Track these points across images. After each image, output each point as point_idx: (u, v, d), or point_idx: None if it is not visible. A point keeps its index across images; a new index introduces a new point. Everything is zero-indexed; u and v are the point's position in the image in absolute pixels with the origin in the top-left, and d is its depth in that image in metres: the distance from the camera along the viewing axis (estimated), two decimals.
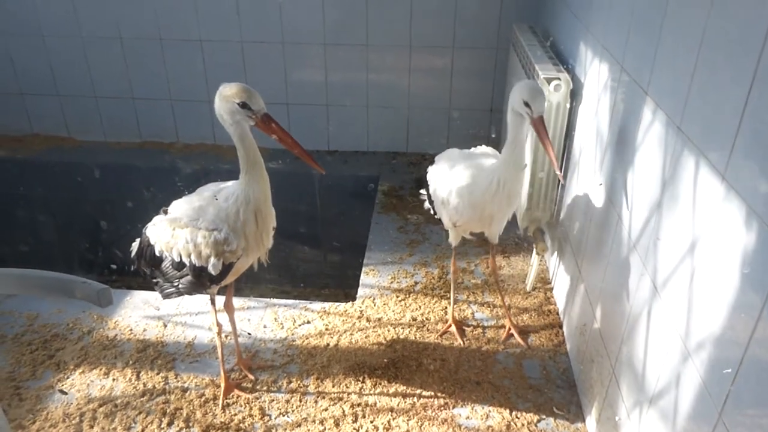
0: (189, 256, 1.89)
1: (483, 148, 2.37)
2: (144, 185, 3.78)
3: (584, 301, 2.17)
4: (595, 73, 2.16)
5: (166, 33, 3.64)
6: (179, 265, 1.93)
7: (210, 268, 1.88)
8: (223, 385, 2.17)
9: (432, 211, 2.39)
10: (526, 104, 1.85)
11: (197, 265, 1.89)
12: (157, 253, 1.96)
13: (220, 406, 2.13)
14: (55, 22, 3.68)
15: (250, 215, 1.86)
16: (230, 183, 1.94)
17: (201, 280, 1.93)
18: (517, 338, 2.40)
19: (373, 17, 3.46)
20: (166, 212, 2.00)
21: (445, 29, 3.46)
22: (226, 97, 1.73)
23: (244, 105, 1.71)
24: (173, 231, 1.91)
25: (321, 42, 3.55)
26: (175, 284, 2.00)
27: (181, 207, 1.97)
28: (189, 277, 1.94)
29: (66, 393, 2.19)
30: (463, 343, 2.39)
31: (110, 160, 3.84)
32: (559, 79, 2.32)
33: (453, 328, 2.44)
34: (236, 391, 2.18)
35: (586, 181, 2.21)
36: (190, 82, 3.76)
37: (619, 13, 1.93)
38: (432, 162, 2.39)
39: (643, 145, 1.67)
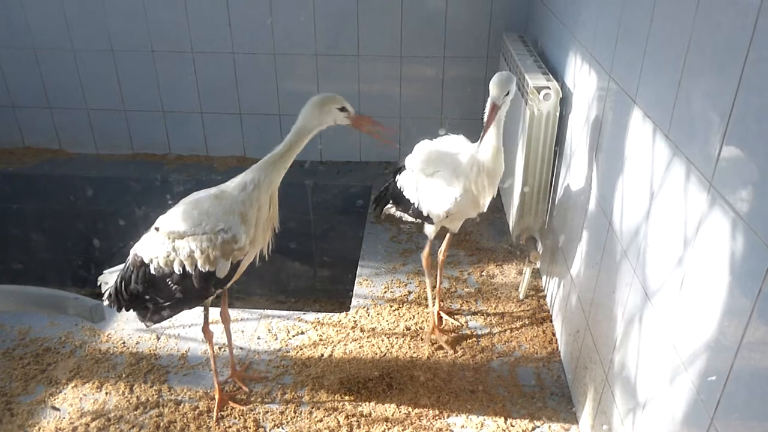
0: (195, 265, 1.86)
1: (452, 138, 2.37)
2: (137, 197, 3.77)
3: (577, 308, 2.18)
4: (585, 82, 2.19)
5: (157, 45, 3.65)
6: (182, 278, 1.88)
7: (218, 271, 1.86)
8: (217, 397, 2.16)
9: (406, 217, 2.42)
10: (342, 109, 1.92)
11: (204, 271, 1.86)
12: (153, 272, 1.91)
13: (215, 418, 2.12)
14: (47, 34, 3.68)
15: (265, 200, 1.91)
16: (233, 180, 1.92)
17: (207, 288, 1.90)
18: (448, 318, 2.55)
19: (364, 28, 3.48)
20: (158, 230, 1.93)
21: (435, 39, 3.49)
22: (325, 105, 1.86)
23: (343, 109, 1.87)
24: (173, 243, 1.88)
25: (312, 53, 3.57)
26: (171, 303, 1.95)
27: (174, 218, 1.92)
28: (193, 289, 1.89)
29: (58, 409, 2.17)
30: (453, 351, 2.41)
31: (102, 173, 3.83)
32: (549, 88, 2.34)
33: (435, 322, 2.50)
34: (230, 403, 2.17)
35: (577, 189, 2.23)
36: (182, 94, 3.77)
37: (607, 23, 1.95)
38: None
39: (633, 153, 1.68)
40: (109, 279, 2.09)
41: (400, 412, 2.14)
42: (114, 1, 3.56)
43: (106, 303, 2.09)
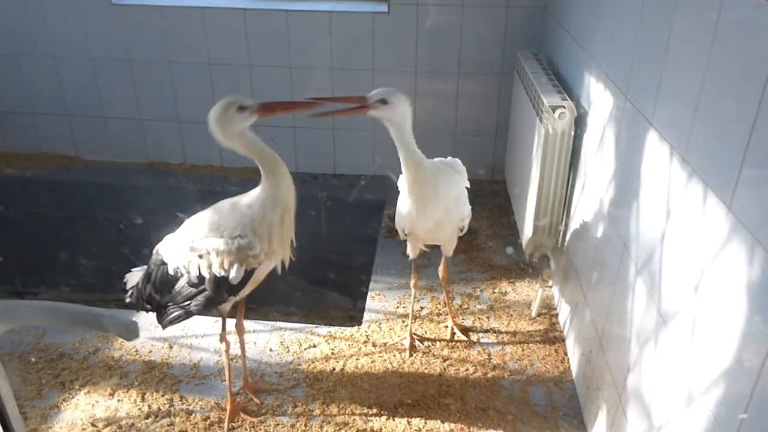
0: (210, 267, 1.88)
1: (445, 160, 2.37)
2: (150, 206, 3.80)
3: (590, 328, 2.17)
4: (600, 102, 2.20)
5: (175, 56, 3.70)
6: (197, 281, 1.92)
7: (232, 276, 1.88)
8: (228, 408, 2.17)
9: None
10: (242, 108, 1.84)
11: (218, 275, 1.88)
12: (171, 272, 1.96)
13: (225, 429, 2.13)
14: (67, 44, 3.74)
15: (276, 218, 1.88)
16: (249, 193, 1.94)
17: (220, 293, 1.92)
18: (459, 334, 2.56)
19: (379, 43, 3.52)
20: (181, 231, 2.00)
21: (450, 55, 3.51)
22: (222, 113, 1.80)
23: (241, 108, 1.79)
24: (191, 245, 1.92)
25: (328, 66, 3.61)
26: (186, 305, 1.98)
27: (197, 222, 1.97)
28: (206, 293, 1.92)
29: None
30: (410, 355, 2.46)
31: (118, 180, 3.88)
32: (563, 107, 2.35)
33: (407, 342, 2.50)
34: (241, 415, 2.18)
35: (592, 208, 2.23)
36: (198, 104, 3.77)
37: (623, 43, 1.97)
38: None
39: (648, 175, 1.69)
40: (134, 278, 2.15)
41: (411, 428, 2.14)
42: (133, 12, 3.63)
43: (128, 301, 2.14)
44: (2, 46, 3.79)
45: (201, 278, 1.91)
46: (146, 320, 2.65)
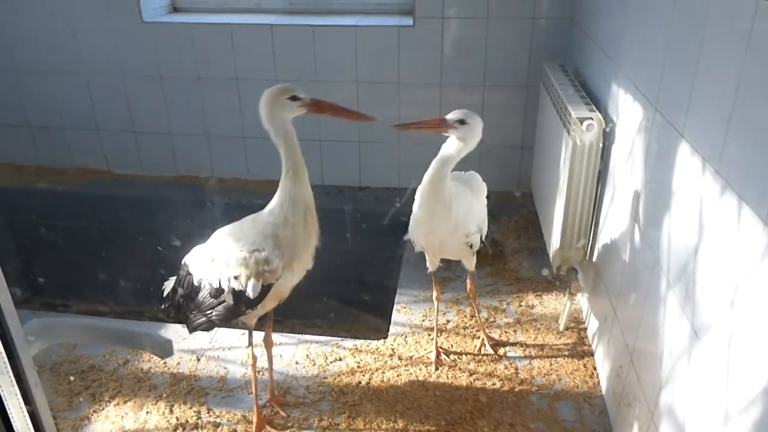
0: (228, 280, 1.92)
1: (463, 174, 2.39)
2: (179, 218, 3.86)
3: (620, 343, 2.13)
4: (629, 114, 2.17)
5: (203, 72, 3.76)
6: (217, 292, 1.96)
7: (249, 291, 1.90)
8: (255, 420, 2.18)
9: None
10: (294, 98, 1.86)
11: (236, 288, 1.91)
12: (196, 283, 2.01)
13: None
14: (99, 61, 3.83)
15: (299, 218, 1.89)
16: (268, 206, 1.97)
17: (238, 305, 1.94)
18: (488, 347, 2.52)
19: (404, 56, 3.53)
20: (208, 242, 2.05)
21: (475, 67, 3.51)
22: (275, 97, 1.82)
23: (294, 98, 1.82)
24: (213, 256, 1.97)
25: (353, 80, 3.63)
26: (209, 314, 2.02)
27: (221, 235, 2.02)
28: (225, 304, 1.95)
29: None
30: (436, 369, 2.44)
31: (147, 194, 3.94)
32: (591, 118, 2.33)
33: (432, 355, 2.48)
34: (268, 428, 2.18)
35: (621, 221, 2.20)
36: (226, 119, 3.86)
37: (652, 53, 1.94)
38: None
39: (680, 187, 1.66)
40: (170, 285, 2.22)
41: None
42: (163, 29, 3.70)
43: (163, 307, 2.21)
44: (37, 64, 3.90)
45: (220, 290, 1.95)
46: (174, 333, 2.69)
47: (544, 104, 3.11)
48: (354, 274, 3.82)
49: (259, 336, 2.25)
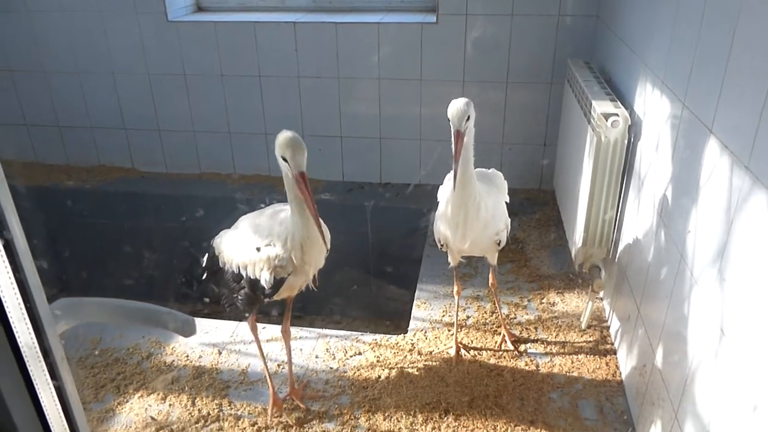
0: (245, 268, 2.01)
1: (486, 172, 2.37)
2: (202, 214, 3.90)
3: (643, 341, 2.11)
4: (655, 110, 2.14)
5: (227, 69, 3.79)
6: (238, 277, 2.05)
7: (262, 282, 1.98)
8: (271, 400, 2.25)
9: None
10: (284, 159, 1.79)
11: (252, 277, 2.00)
12: (221, 264, 2.11)
13: (269, 416, 2.20)
14: (125, 60, 3.89)
15: (297, 245, 1.93)
16: (287, 207, 2.00)
17: (255, 293, 2.03)
18: (508, 343, 2.52)
19: (427, 52, 3.53)
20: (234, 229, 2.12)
21: (499, 64, 3.49)
22: (277, 144, 1.81)
23: (284, 159, 1.79)
24: (234, 243, 2.06)
25: (375, 76, 3.63)
26: (234, 298, 2.11)
27: (245, 222, 2.11)
28: (245, 290, 2.05)
29: (155, 419, 2.26)
30: (456, 364, 2.44)
31: (171, 191, 3.99)
32: (617, 115, 2.30)
33: (452, 351, 2.48)
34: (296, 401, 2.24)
35: (647, 218, 2.17)
36: (248, 116, 3.90)
37: (681, 49, 1.91)
38: None
39: (708, 183, 1.63)
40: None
41: None
42: (187, 28, 3.74)
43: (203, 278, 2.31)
44: (65, 64, 3.97)
45: (239, 276, 2.04)
46: (197, 326, 2.72)
47: (568, 101, 3.09)
48: (374, 270, 3.83)
49: (276, 329, 2.27)
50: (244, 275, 2.01)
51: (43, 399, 0.64)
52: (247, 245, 2.00)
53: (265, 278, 1.97)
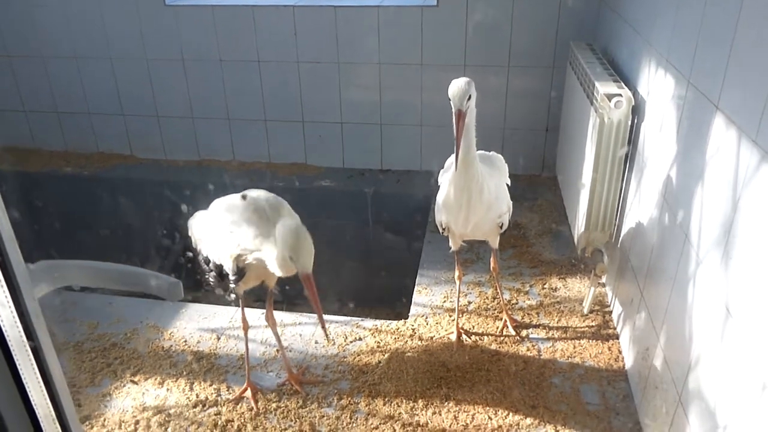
0: (211, 252, 2.02)
1: (486, 154, 2.32)
2: (200, 200, 3.87)
3: (647, 324, 2.08)
4: (659, 90, 2.10)
5: (225, 54, 3.75)
6: (206, 260, 2.06)
7: (226, 268, 1.98)
8: (246, 386, 2.24)
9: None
10: (292, 259, 1.75)
11: (217, 262, 2.00)
12: (194, 244, 2.13)
13: (233, 399, 2.21)
14: (123, 45, 3.85)
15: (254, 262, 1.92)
16: (265, 202, 1.97)
17: (221, 276, 2.02)
18: (510, 329, 2.48)
19: (428, 36, 3.48)
20: (244, 197, 2.04)
21: (500, 48, 3.44)
22: (283, 241, 1.75)
23: (291, 258, 1.75)
24: (203, 227, 2.09)
25: (376, 62, 3.59)
26: (207, 277, 2.11)
27: (217, 206, 2.09)
28: (213, 273, 2.05)
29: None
30: (457, 349, 2.42)
31: (170, 177, 3.96)
32: (620, 95, 2.26)
33: (453, 336, 2.46)
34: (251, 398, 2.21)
35: (650, 200, 2.13)
36: (247, 102, 3.86)
37: (686, 27, 1.87)
38: None
39: (713, 161, 1.60)
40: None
41: (457, 423, 2.09)
42: (185, 12, 3.70)
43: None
44: (62, 50, 3.93)
45: (208, 259, 2.05)
46: (194, 311, 2.71)
47: (571, 84, 3.04)
48: (375, 256, 3.80)
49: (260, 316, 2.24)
50: (211, 259, 2.01)
51: (19, 360, 0.61)
52: (215, 230, 2.01)
53: (229, 265, 1.95)
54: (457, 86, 1.91)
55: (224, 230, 1.96)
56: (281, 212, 1.95)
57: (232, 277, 1.97)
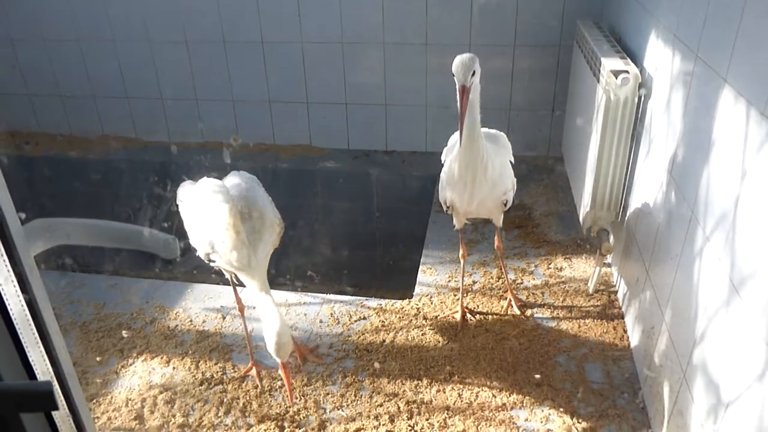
0: (189, 233, 2.08)
1: (489, 132, 2.29)
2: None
3: (652, 303, 2.07)
4: (666, 65, 2.07)
5: (229, 36, 3.73)
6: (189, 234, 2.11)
7: (200, 253, 2.02)
8: (250, 364, 2.27)
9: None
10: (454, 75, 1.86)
11: (192, 244, 2.05)
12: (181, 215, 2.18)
13: (238, 377, 2.24)
14: (126, 28, 3.83)
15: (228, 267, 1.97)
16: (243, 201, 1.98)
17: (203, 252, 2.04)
18: (515, 308, 2.50)
19: (433, 16, 3.44)
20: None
21: (506, 27, 3.40)
22: (268, 339, 1.85)
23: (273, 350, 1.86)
24: (184, 199, 2.14)
25: (380, 41, 3.56)
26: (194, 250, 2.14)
27: (203, 183, 2.08)
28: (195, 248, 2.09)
29: None
30: (461, 328, 2.43)
31: (175, 159, 3.96)
32: (627, 71, 2.23)
33: (458, 315, 2.46)
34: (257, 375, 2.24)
35: (657, 178, 2.11)
36: (251, 83, 3.84)
37: (694, 1, 1.84)
38: None
39: (721, 135, 1.57)
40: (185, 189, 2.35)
41: (461, 401, 2.09)
42: None
43: None
44: (66, 33, 3.91)
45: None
46: (200, 291, 2.72)
47: (578, 62, 3.01)
48: (380, 237, 3.80)
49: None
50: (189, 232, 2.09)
51: (13, 312, 0.61)
52: (195, 218, 2.04)
53: (197, 245, 2.02)
54: (460, 61, 1.88)
55: (202, 224, 1.98)
56: (256, 208, 1.97)
57: (204, 258, 2.02)
